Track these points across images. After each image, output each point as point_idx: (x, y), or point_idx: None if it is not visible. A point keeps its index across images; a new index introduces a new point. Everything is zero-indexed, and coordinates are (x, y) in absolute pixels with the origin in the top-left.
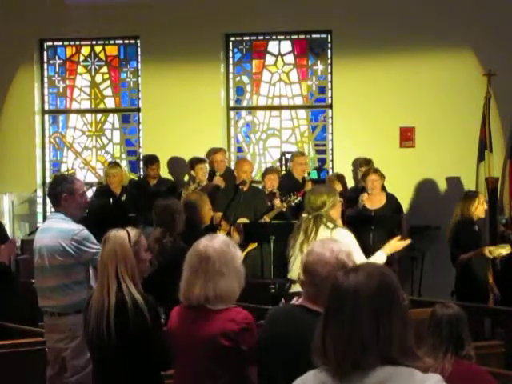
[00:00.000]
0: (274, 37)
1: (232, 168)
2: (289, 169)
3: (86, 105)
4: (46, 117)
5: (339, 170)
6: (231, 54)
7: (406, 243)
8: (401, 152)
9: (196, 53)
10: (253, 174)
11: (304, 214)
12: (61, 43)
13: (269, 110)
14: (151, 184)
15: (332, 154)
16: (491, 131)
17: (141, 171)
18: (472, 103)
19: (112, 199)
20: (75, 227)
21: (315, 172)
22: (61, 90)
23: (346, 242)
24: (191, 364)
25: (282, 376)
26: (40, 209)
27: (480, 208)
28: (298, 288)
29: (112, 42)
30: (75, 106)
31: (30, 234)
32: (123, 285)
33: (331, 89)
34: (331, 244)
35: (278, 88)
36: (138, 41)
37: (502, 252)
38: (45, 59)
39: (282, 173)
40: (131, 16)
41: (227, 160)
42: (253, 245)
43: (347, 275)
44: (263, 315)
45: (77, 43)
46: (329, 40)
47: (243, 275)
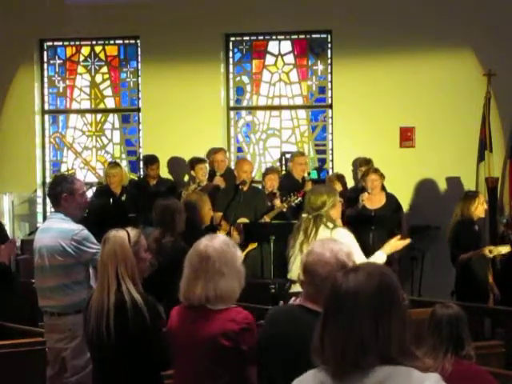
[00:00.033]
0: (274, 37)
1: (232, 168)
2: (289, 169)
3: (86, 105)
4: (46, 117)
5: (339, 170)
6: (231, 54)
7: (406, 243)
8: (401, 152)
9: (196, 53)
10: (253, 174)
11: (304, 214)
12: (61, 43)
13: (269, 110)
14: (151, 184)
15: (332, 154)
16: (491, 131)
17: (141, 171)
18: (472, 103)
19: (112, 199)
20: (75, 227)
21: (315, 172)
22: (61, 90)
23: (346, 242)
24: (191, 364)
25: (282, 376)
26: (40, 209)
27: (480, 208)
28: (298, 288)
29: (112, 42)
30: (75, 106)
31: (30, 234)
32: (123, 285)
33: (331, 89)
34: (331, 244)
35: (278, 88)
36: (138, 41)
37: (502, 251)
38: (45, 59)
39: (282, 173)
40: (131, 16)
41: (227, 160)
42: (253, 245)
43: (347, 276)
44: (263, 315)
45: (77, 43)
46: (329, 40)
47: (243, 275)
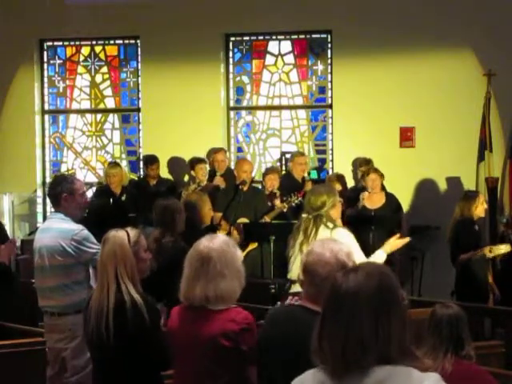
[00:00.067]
0: (274, 37)
1: (232, 168)
2: (289, 169)
3: (86, 105)
4: (46, 117)
5: (339, 170)
6: (231, 54)
7: (406, 241)
8: (401, 152)
9: (196, 53)
10: (253, 174)
11: (304, 214)
12: (61, 43)
13: (269, 110)
14: (151, 184)
15: (332, 154)
16: (491, 131)
17: (141, 171)
18: (472, 103)
19: (112, 199)
20: (75, 227)
21: (315, 172)
22: (61, 90)
23: (346, 242)
24: (191, 364)
25: (282, 376)
26: (40, 209)
27: (480, 208)
28: (298, 288)
29: (112, 42)
30: (75, 106)
31: (30, 234)
32: (122, 285)
33: (331, 89)
34: (331, 244)
35: (278, 88)
36: (138, 41)
37: (502, 250)
38: (45, 59)
39: (282, 173)
40: (131, 16)
41: (227, 160)
42: (253, 245)
43: (346, 276)
44: (263, 315)
45: (77, 43)
46: (329, 40)
47: (243, 275)
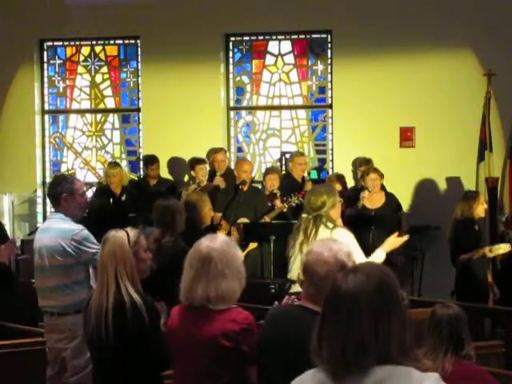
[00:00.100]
0: (274, 37)
1: (232, 168)
2: (288, 169)
3: (86, 105)
4: (46, 117)
5: (339, 170)
6: (231, 54)
7: (404, 239)
8: (401, 152)
9: (196, 53)
10: (253, 174)
11: (304, 214)
12: (61, 43)
13: (269, 110)
14: (151, 184)
15: (332, 154)
16: (491, 131)
17: (141, 171)
18: (472, 103)
19: (112, 199)
20: (75, 227)
21: (315, 172)
22: (61, 90)
23: (346, 242)
24: (191, 364)
25: (282, 376)
26: (40, 209)
27: (480, 208)
28: (298, 288)
29: (112, 42)
30: (75, 106)
31: (30, 234)
32: (122, 285)
33: (331, 89)
34: (331, 244)
35: (278, 88)
36: (138, 41)
37: (502, 249)
38: (45, 59)
39: (282, 173)
40: (131, 16)
41: (227, 160)
42: (253, 245)
43: (346, 276)
44: (263, 315)
45: (77, 43)
46: (329, 40)
47: (244, 275)
